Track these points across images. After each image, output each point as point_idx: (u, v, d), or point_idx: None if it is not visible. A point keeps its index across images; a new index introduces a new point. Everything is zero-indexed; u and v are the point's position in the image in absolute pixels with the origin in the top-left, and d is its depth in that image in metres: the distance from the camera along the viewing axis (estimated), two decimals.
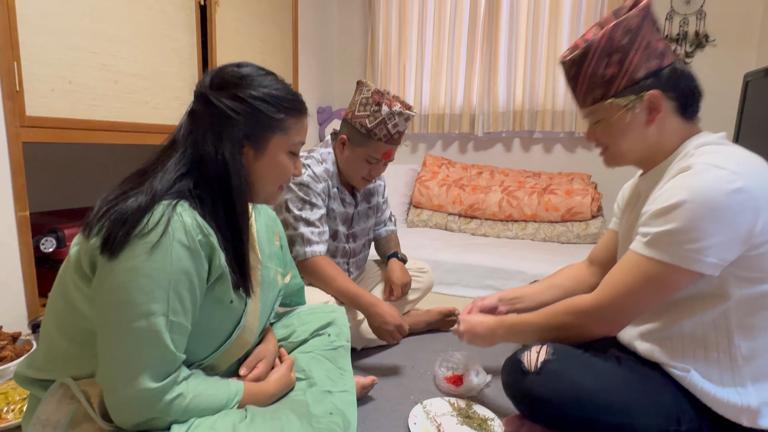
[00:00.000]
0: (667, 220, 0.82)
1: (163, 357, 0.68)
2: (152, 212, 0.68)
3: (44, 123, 1.57)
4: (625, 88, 0.92)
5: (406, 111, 1.46)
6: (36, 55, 1.53)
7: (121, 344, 0.67)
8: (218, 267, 0.74)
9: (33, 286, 1.61)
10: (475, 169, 3.04)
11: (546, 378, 0.90)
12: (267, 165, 0.82)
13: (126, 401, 0.67)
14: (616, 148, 0.98)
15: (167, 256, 0.67)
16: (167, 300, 0.67)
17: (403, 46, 3.21)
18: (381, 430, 1.12)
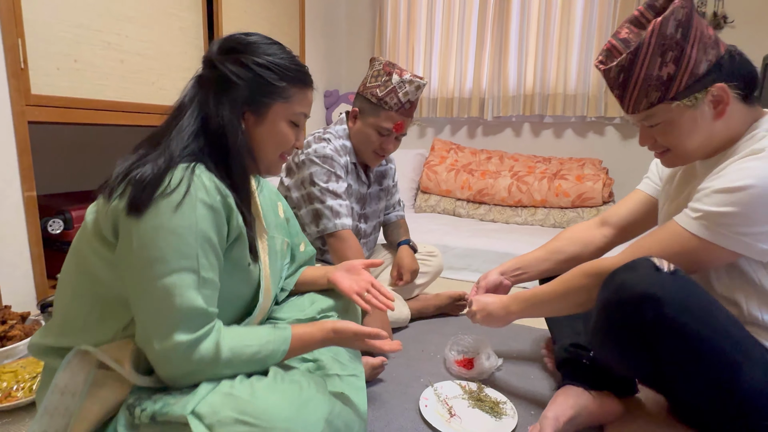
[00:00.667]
0: (727, 202, 0.78)
1: (195, 312, 0.69)
2: (172, 173, 0.70)
3: (49, 102, 1.55)
4: (687, 88, 0.84)
5: (417, 79, 1.46)
6: (40, 32, 1.51)
7: (152, 301, 0.68)
8: (236, 227, 0.77)
9: (41, 266, 1.61)
10: (484, 153, 3.00)
11: (681, 280, 0.81)
12: (267, 132, 0.83)
13: (163, 355, 0.69)
14: (682, 149, 0.90)
15: (192, 214, 0.69)
16: (196, 257, 0.69)
17: (411, 29, 3.15)
18: (391, 413, 1.11)
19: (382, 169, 1.70)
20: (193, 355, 0.69)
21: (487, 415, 1.09)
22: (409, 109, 1.47)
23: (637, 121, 0.92)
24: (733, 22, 2.50)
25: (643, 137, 0.94)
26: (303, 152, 1.47)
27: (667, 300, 0.79)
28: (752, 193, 0.76)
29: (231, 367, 0.73)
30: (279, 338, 0.80)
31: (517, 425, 1.06)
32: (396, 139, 1.51)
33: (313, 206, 1.44)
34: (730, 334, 0.81)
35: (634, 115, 0.91)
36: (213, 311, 0.72)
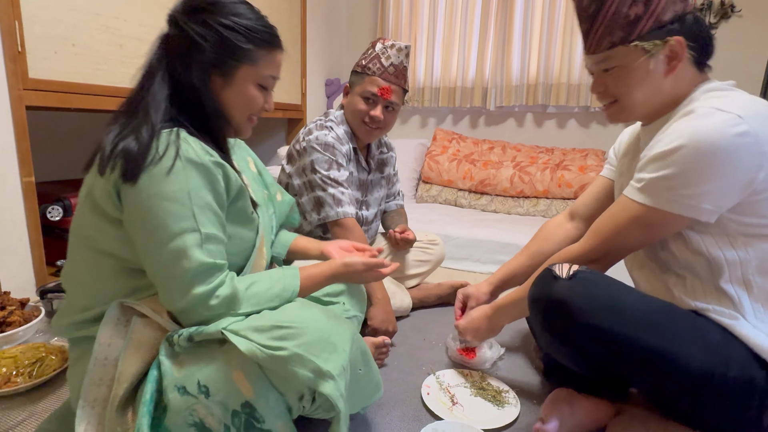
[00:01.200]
0: (663, 166, 0.79)
1: (204, 267, 0.73)
2: (158, 141, 0.72)
3: (47, 86, 1.53)
4: (649, 32, 0.83)
5: (398, 43, 1.47)
6: (38, 15, 1.48)
7: (163, 266, 0.73)
8: (235, 181, 0.80)
9: (40, 252, 1.60)
10: (487, 144, 2.98)
11: (579, 284, 0.83)
12: (235, 95, 0.83)
13: (185, 310, 0.74)
14: (629, 99, 0.89)
15: (183, 176, 0.71)
16: (193, 216, 0.72)
17: (414, 16, 3.11)
18: (393, 400, 1.11)
19: (384, 156, 1.68)
20: (211, 301, 0.74)
21: (490, 404, 1.09)
22: (393, 74, 1.46)
23: (594, 64, 0.91)
24: (740, 12, 2.47)
25: (596, 83, 0.93)
26: (304, 139, 1.45)
27: (570, 305, 0.82)
28: (684, 153, 0.76)
29: (249, 304, 0.78)
30: (288, 275, 0.85)
31: (519, 414, 1.05)
32: (387, 109, 1.48)
33: (314, 194, 1.43)
34: (651, 324, 0.80)
35: (594, 56, 0.90)
36: (221, 263, 0.76)
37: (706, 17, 2.53)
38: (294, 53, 2.86)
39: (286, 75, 2.80)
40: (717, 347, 0.80)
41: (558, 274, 0.85)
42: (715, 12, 2.51)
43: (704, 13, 2.53)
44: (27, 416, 1.00)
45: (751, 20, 2.45)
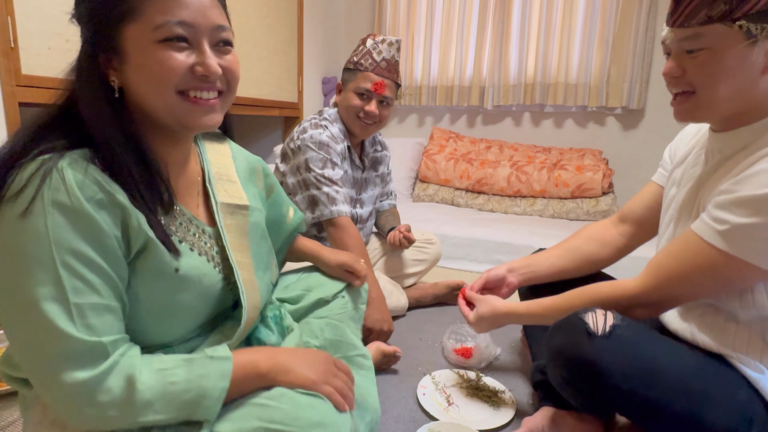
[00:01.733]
0: (757, 212, 0.67)
1: (78, 346, 0.53)
2: (20, 170, 0.53)
3: (41, 83, 1.51)
4: (760, 12, 0.66)
5: (389, 37, 1.48)
6: (31, 10, 1.46)
7: (22, 339, 0.54)
8: (137, 231, 0.58)
9: None
10: (484, 143, 2.98)
11: (617, 344, 0.73)
12: (135, 69, 0.59)
13: (62, 402, 0.54)
14: (711, 93, 0.73)
15: (42, 224, 0.51)
16: (57, 280, 0.52)
17: (412, 14, 3.10)
18: (389, 401, 1.10)
19: (378, 155, 1.68)
20: (97, 396, 0.53)
21: (486, 404, 1.09)
22: (386, 68, 1.47)
23: (678, 41, 0.74)
24: None
25: (673, 65, 0.76)
26: (299, 138, 1.44)
27: (605, 370, 0.72)
28: None
29: (152, 410, 0.56)
30: (214, 372, 0.60)
31: (515, 414, 1.05)
32: (380, 104, 1.48)
33: (309, 192, 1.42)
34: (686, 388, 0.72)
35: (680, 30, 0.73)
36: (110, 339, 0.55)
37: None
38: (291, 51, 2.85)
39: (283, 73, 2.79)
40: (743, 407, 0.73)
41: (593, 330, 0.73)
42: None
43: None
44: (18, 417, 0.99)
45: None
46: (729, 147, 0.78)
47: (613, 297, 0.83)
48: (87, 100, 0.59)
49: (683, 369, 0.73)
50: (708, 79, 0.72)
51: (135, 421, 0.56)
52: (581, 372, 0.75)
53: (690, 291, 0.77)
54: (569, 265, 1.09)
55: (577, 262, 1.09)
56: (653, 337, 0.77)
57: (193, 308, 0.68)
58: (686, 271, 0.75)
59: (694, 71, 0.74)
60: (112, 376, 0.55)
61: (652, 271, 0.79)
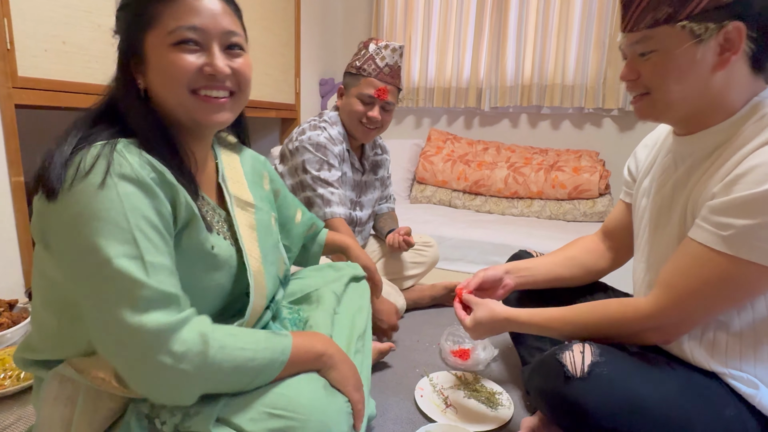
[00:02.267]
0: (761, 211, 0.64)
1: (156, 294, 0.57)
2: (84, 154, 0.59)
3: (37, 84, 1.51)
4: (703, 11, 0.67)
5: (392, 43, 1.48)
6: (28, 11, 1.46)
7: (100, 297, 0.57)
8: (185, 207, 0.65)
9: (30, 253, 1.57)
10: (481, 144, 2.98)
11: (596, 384, 0.71)
12: (154, 71, 0.67)
13: (138, 350, 0.56)
14: (666, 93, 0.74)
15: (115, 193, 0.57)
16: (133, 240, 0.57)
17: (409, 16, 3.11)
18: (387, 403, 1.10)
19: (378, 158, 1.68)
20: (172, 344, 0.56)
21: (483, 406, 1.09)
22: (389, 74, 1.47)
23: (629, 45, 0.77)
24: None
25: (628, 68, 0.78)
26: (297, 139, 1.45)
27: (585, 412, 0.71)
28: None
29: (220, 372, 0.60)
30: (278, 346, 0.66)
31: (513, 416, 1.05)
32: (383, 109, 1.49)
33: (305, 194, 1.43)
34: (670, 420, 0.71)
35: (630, 35, 0.76)
36: (180, 294, 0.60)
37: None
38: (288, 53, 2.85)
39: (281, 75, 2.79)
40: (730, 425, 0.72)
41: (571, 373, 0.72)
42: None
43: None
44: (15, 420, 0.99)
45: None
46: (700, 149, 0.78)
47: (624, 318, 0.79)
48: (123, 100, 0.67)
49: (665, 400, 0.71)
50: (660, 79, 0.74)
51: (202, 381, 0.59)
52: (563, 413, 0.75)
53: (705, 307, 0.72)
54: (566, 272, 1.08)
55: (574, 271, 1.08)
56: (633, 369, 0.74)
57: (222, 288, 0.73)
58: (698, 286, 0.71)
59: (646, 73, 0.75)
60: (187, 328, 0.59)
61: (663, 289, 0.75)
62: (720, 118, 0.75)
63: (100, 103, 0.69)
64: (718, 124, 0.75)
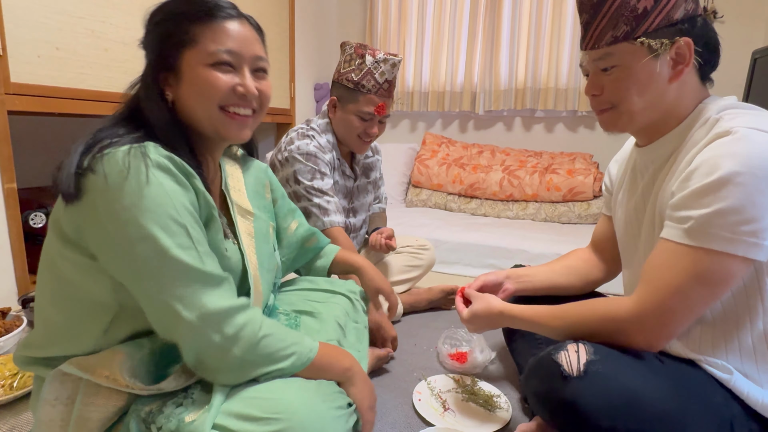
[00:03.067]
0: (716, 198, 0.67)
1: (210, 279, 0.65)
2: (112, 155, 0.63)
3: (30, 91, 1.50)
4: (657, 29, 0.75)
5: (392, 57, 1.43)
6: (21, 17, 1.45)
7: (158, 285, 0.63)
8: (205, 207, 0.70)
9: (22, 260, 1.56)
10: (476, 148, 3.00)
11: (593, 383, 0.72)
12: (187, 86, 0.72)
13: (194, 328, 0.63)
14: (629, 105, 0.79)
15: (161, 189, 0.63)
16: (185, 232, 0.63)
17: (402, 21, 3.12)
18: (384, 407, 1.10)
19: (369, 161, 1.67)
20: (227, 327, 0.64)
21: (481, 409, 1.08)
22: (388, 89, 1.44)
23: (592, 62, 0.82)
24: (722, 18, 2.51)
25: (591, 84, 0.83)
26: (286, 149, 1.43)
27: (583, 411, 0.71)
28: (741, 181, 0.66)
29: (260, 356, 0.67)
30: (306, 344, 0.73)
31: (511, 418, 1.05)
32: (380, 123, 1.48)
33: (300, 204, 1.41)
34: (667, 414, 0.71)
35: (592, 52, 0.81)
36: (230, 277, 0.68)
37: None
38: (282, 58, 2.85)
39: (275, 80, 2.79)
40: (721, 411, 0.73)
41: (567, 372, 0.73)
42: None
43: None
44: (8, 429, 0.97)
45: (733, 26, 2.51)
46: (659, 156, 0.84)
47: (609, 314, 0.80)
48: (151, 109, 0.71)
49: (660, 392, 0.72)
50: (624, 92, 0.79)
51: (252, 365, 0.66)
52: (561, 414, 0.75)
53: (685, 303, 0.73)
54: (563, 281, 1.11)
55: (571, 280, 1.11)
56: (626, 365, 0.75)
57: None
58: (675, 281, 0.72)
59: (610, 87, 0.81)
60: (242, 315, 0.66)
61: (643, 287, 0.77)
62: (673, 125, 0.81)
63: (122, 111, 0.73)
64: (671, 131, 0.82)
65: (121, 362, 0.66)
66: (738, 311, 0.75)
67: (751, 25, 2.48)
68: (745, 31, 2.48)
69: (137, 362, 0.68)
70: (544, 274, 1.13)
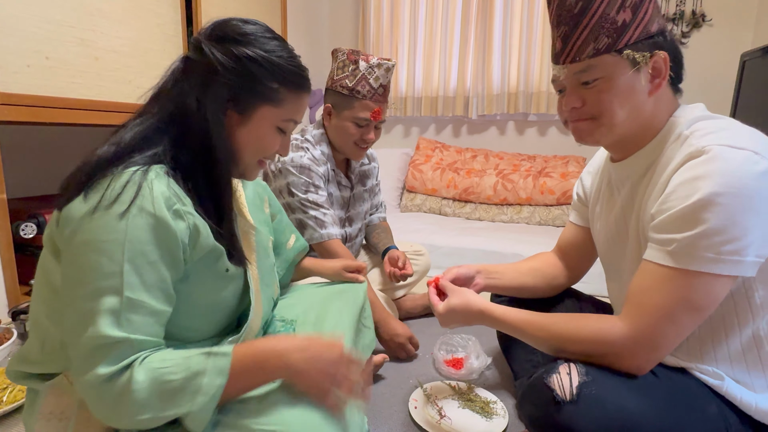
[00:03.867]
0: (698, 221, 0.67)
1: (106, 341, 0.57)
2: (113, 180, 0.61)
3: (20, 101, 1.48)
4: (637, 41, 0.75)
5: (385, 61, 1.42)
6: (10, 26, 1.44)
7: (70, 328, 0.59)
8: (205, 244, 0.68)
9: (13, 272, 1.54)
10: (470, 152, 3.00)
11: (587, 407, 0.70)
12: (249, 134, 0.73)
13: (84, 393, 0.59)
14: (611, 118, 0.78)
15: (123, 224, 0.59)
16: (120, 274, 0.58)
17: (395, 27, 3.14)
18: (380, 415, 1.09)
19: (365, 168, 1.66)
20: (113, 389, 0.57)
21: (478, 415, 1.08)
22: (383, 94, 1.44)
23: (572, 75, 0.80)
24: (711, 21, 2.54)
25: (571, 98, 0.81)
26: (279, 161, 1.43)
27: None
28: (722, 202, 0.66)
29: (148, 405, 0.58)
30: (214, 368, 0.61)
31: (508, 425, 1.04)
32: (376, 128, 1.47)
33: (295, 216, 1.40)
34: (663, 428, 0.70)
35: (573, 65, 0.79)
36: (140, 340, 0.60)
37: (678, 27, 2.60)
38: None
39: None
40: (717, 420, 0.73)
41: (560, 397, 0.71)
42: (687, 21, 2.58)
43: (676, 22, 2.60)
44: None
45: (722, 29, 2.53)
46: (635, 172, 0.84)
47: (599, 338, 0.77)
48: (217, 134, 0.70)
49: (656, 410, 0.71)
50: (607, 104, 0.78)
51: (141, 415, 0.58)
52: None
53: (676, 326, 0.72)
54: (530, 282, 1.12)
55: (537, 281, 1.12)
56: (620, 383, 0.73)
57: (229, 306, 0.77)
58: (664, 304, 0.71)
59: (592, 100, 0.79)
60: (123, 377, 0.58)
61: (634, 310, 0.75)
62: (648, 139, 0.81)
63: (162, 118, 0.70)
64: (645, 146, 0.82)
65: None
66: (726, 319, 0.75)
67: (740, 28, 2.50)
68: (734, 34, 2.51)
69: None
70: (512, 274, 1.13)
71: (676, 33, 2.60)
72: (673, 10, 2.59)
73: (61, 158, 2.19)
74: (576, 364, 0.75)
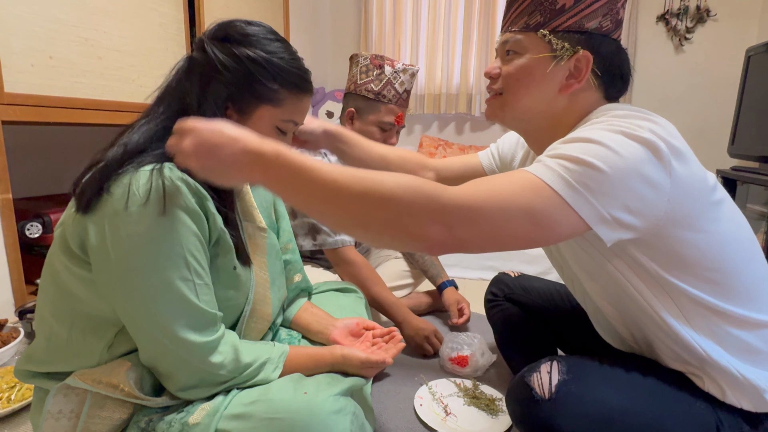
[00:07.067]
0: (593, 154, 0.61)
1: (200, 317, 0.67)
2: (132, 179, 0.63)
3: (24, 100, 1.49)
4: (566, 30, 0.73)
5: (410, 67, 1.44)
6: (13, 27, 1.44)
7: (155, 311, 0.64)
8: (216, 229, 0.71)
9: (19, 271, 1.55)
10: (473, 150, 2.99)
11: (565, 404, 0.70)
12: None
13: (181, 361, 0.66)
14: (514, 97, 0.77)
15: (175, 221, 0.64)
16: (187, 265, 0.65)
17: (397, 24, 3.13)
18: (386, 413, 1.09)
19: None
20: (211, 357, 0.67)
21: (483, 413, 1.08)
22: (406, 99, 1.46)
23: (502, 42, 0.80)
24: (715, 16, 2.53)
25: (494, 64, 0.81)
26: None
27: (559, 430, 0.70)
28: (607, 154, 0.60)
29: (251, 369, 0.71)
30: (277, 351, 0.77)
31: None
32: (397, 133, 1.49)
33: (308, 219, 1.40)
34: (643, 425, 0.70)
35: (506, 34, 0.79)
36: (219, 315, 0.70)
37: (683, 22, 2.59)
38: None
39: None
40: (704, 416, 0.72)
41: (539, 396, 0.71)
42: (691, 17, 2.57)
43: (680, 18, 2.58)
44: None
45: (727, 24, 2.52)
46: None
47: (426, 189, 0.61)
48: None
49: (638, 404, 0.71)
50: (514, 82, 0.77)
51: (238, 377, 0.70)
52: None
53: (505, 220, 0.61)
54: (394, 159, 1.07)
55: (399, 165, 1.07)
56: (602, 380, 0.73)
57: (237, 307, 0.79)
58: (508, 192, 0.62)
59: (505, 72, 0.78)
60: (223, 344, 0.69)
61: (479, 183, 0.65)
62: (558, 137, 0.71)
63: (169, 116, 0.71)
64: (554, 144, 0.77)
65: (128, 373, 0.67)
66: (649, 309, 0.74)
67: (745, 23, 2.49)
68: (739, 29, 2.49)
69: (142, 374, 0.69)
70: (365, 150, 1.05)
71: (679, 29, 2.58)
72: (677, 5, 2.58)
73: (66, 158, 2.20)
74: (558, 360, 0.74)
